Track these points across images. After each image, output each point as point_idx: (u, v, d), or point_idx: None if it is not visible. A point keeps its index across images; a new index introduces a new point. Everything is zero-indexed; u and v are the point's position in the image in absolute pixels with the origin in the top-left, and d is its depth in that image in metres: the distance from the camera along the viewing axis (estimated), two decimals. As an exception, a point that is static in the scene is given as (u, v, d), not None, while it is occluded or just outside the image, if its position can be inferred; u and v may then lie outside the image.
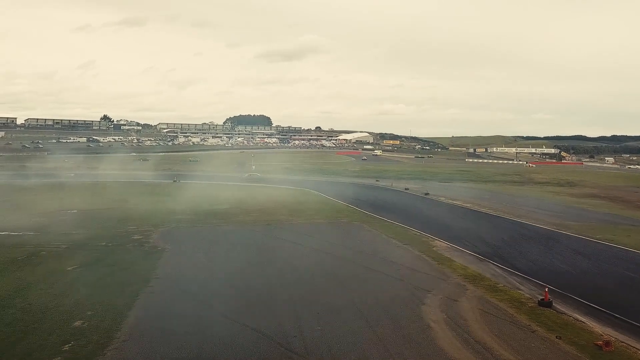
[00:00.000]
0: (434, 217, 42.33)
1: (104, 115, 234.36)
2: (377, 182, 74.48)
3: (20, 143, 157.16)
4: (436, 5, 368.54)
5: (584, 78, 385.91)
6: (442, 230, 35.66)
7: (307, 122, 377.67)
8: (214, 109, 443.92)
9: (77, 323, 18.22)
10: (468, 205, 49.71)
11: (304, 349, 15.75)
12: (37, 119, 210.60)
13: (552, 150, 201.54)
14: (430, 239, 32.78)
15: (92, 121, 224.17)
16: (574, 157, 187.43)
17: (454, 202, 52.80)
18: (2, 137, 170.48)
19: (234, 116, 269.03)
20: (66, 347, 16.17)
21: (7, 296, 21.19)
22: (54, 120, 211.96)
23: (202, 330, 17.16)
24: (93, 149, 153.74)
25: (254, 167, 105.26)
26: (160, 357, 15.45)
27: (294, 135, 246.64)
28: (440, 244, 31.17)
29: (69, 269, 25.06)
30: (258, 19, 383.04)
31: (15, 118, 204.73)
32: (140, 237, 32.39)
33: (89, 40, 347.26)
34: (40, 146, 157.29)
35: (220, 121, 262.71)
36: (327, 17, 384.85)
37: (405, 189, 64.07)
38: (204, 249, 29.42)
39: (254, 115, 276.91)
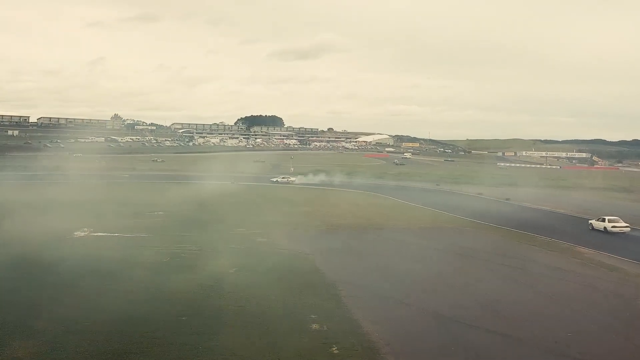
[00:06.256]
0: (540, 223, 40.82)
1: (115, 114, 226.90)
2: (437, 186, 74.21)
3: (39, 142, 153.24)
4: (453, 4, 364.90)
5: (603, 80, 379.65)
6: (570, 237, 34.64)
7: (318, 123, 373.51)
8: (223, 108, 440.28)
9: (315, 326, 18.06)
10: (561, 210, 49.23)
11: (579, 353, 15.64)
12: (50, 117, 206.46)
13: (583, 155, 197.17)
14: (566, 245, 32.36)
15: (105, 120, 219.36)
16: (605, 162, 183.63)
17: (543, 207, 52.07)
18: (16, 135, 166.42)
19: (246, 116, 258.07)
20: (334, 350, 16.05)
21: (198, 299, 20.70)
22: (67, 119, 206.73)
23: (455, 337, 17.08)
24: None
25: (292, 169, 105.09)
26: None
27: (311, 137, 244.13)
28: (584, 251, 30.80)
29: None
30: (274, 17, 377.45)
31: (28, 117, 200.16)
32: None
33: (101, 36, 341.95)
34: (62, 146, 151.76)
35: (229, 120, 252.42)
36: (344, 15, 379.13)
37: (479, 194, 63.54)
38: (344, 253, 29.45)
39: (266, 115, 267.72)
